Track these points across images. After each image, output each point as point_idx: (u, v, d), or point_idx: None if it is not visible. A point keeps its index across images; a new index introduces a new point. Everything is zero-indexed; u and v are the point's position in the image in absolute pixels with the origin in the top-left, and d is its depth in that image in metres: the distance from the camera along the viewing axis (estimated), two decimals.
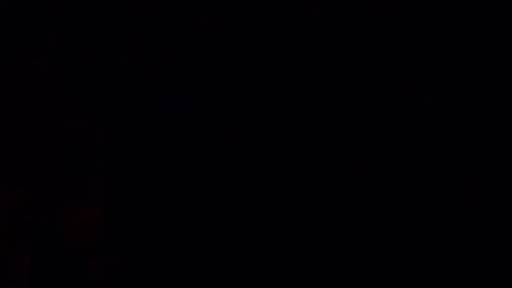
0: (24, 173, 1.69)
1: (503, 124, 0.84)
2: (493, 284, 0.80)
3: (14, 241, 1.59)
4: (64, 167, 1.76)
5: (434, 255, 1.21)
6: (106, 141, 1.81)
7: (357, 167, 2.49)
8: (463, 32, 0.95)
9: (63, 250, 1.60)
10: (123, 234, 1.72)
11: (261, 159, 2.49)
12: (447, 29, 0.98)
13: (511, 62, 0.84)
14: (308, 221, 1.98)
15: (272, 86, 1.88)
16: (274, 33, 1.29)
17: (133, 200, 1.81)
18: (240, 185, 2.26)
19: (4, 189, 1.66)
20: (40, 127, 1.72)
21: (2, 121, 1.68)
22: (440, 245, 1.16)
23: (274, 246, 2.12)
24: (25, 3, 1.32)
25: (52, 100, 1.74)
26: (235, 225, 1.95)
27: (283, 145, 2.71)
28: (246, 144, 2.35)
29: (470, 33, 0.94)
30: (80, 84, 1.77)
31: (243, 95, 2.13)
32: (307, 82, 1.72)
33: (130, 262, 1.68)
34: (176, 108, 2.04)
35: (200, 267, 1.73)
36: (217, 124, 2.26)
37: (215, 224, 1.89)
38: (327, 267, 1.98)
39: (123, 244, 1.70)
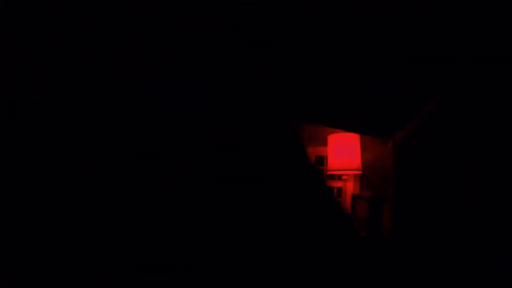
0: (23, 173, 1.69)
1: (503, 124, 0.84)
2: (493, 284, 0.80)
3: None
4: (63, 166, 1.75)
5: (434, 255, 1.21)
6: (106, 141, 1.81)
7: None
8: (463, 32, 0.95)
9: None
10: (123, 234, 1.72)
11: (261, 159, 2.49)
12: (447, 29, 0.98)
13: (511, 62, 0.84)
14: (309, 221, 1.98)
15: (272, 86, 1.88)
16: (274, 33, 1.29)
17: (133, 200, 1.81)
18: (240, 185, 2.26)
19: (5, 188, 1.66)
20: (39, 127, 1.71)
21: (2, 121, 1.67)
22: (440, 245, 1.16)
23: (274, 246, 2.12)
24: (25, 3, 1.32)
25: (52, 99, 1.74)
26: (235, 225, 1.95)
27: (283, 144, 2.71)
28: (246, 144, 2.35)
29: (470, 33, 0.94)
30: (80, 84, 1.77)
31: (243, 95, 2.13)
32: (307, 82, 1.72)
33: (130, 262, 1.67)
34: (176, 108, 2.04)
35: (200, 267, 1.73)
36: (217, 124, 2.26)
37: (215, 224, 1.89)
38: (327, 267, 1.98)
39: (123, 244, 1.69)
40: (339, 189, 2.61)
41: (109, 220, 1.71)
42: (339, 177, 2.59)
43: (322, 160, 2.69)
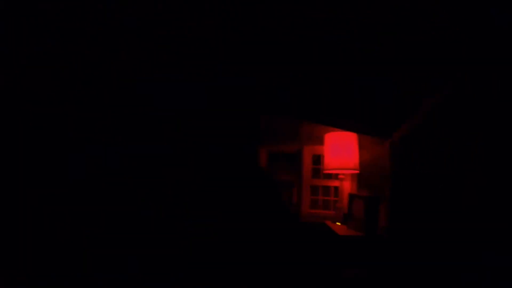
0: (24, 171, 1.69)
1: (503, 124, 0.84)
2: (493, 284, 0.80)
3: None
4: (64, 166, 1.75)
5: (434, 255, 1.21)
6: (106, 141, 1.81)
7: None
8: (463, 32, 0.95)
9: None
10: (123, 234, 1.72)
11: (261, 159, 2.47)
12: (447, 29, 0.98)
13: (511, 62, 0.84)
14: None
15: (272, 86, 1.88)
16: (274, 33, 1.29)
17: (133, 200, 1.81)
18: (240, 185, 2.26)
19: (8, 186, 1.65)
20: (39, 127, 1.71)
21: (3, 121, 1.67)
22: (440, 245, 1.16)
23: (274, 246, 2.11)
24: (25, 3, 1.32)
25: (52, 99, 1.73)
26: (235, 225, 1.95)
27: (281, 147, 2.69)
28: (246, 143, 2.34)
29: (470, 33, 0.94)
30: (80, 84, 1.77)
31: (243, 95, 2.13)
32: (307, 82, 1.72)
33: (130, 262, 1.68)
34: (176, 108, 2.03)
35: (200, 267, 1.73)
36: (217, 124, 2.26)
37: (215, 224, 1.89)
38: (327, 267, 1.98)
39: (123, 244, 1.69)
40: (336, 188, 2.61)
41: (109, 220, 1.71)
42: (336, 176, 2.59)
43: (319, 159, 2.69)
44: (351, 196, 2.26)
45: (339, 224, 2.28)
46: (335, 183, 2.65)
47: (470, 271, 0.91)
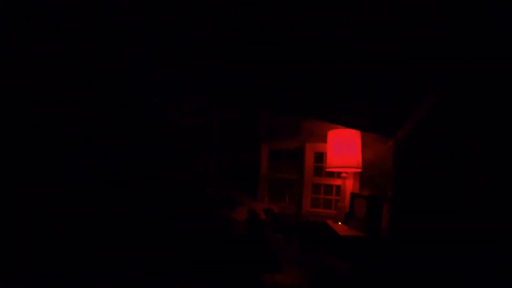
0: (24, 171, 1.69)
1: (503, 124, 0.84)
2: (493, 284, 0.80)
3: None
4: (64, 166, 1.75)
5: (434, 255, 1.21)
6: (106, 141, 1.81)
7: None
8: (463, 32, 0.95)
9: None
10: (123, 234, 1.72)
11: (262, 156, 2.46)
12: (447, 29, 0.97)
13: (511, 62, 0.84)
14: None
15: (272, 86, 1.88)
16: (274, 33, 1.29)
17: (133, 200, 1.81)
18: (240, 184, 2.25)
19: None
20: (39, 127, 1.71)
21: (3, 121, 1.67)
22: (440, 245, 1.16)
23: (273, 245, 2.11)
24: (25, 3, 1.32)
25: (52, 99, 1.73)
26: (235, 224, 1.95)
27: (282, 144, 2.67)
28: (246, 143, 2.34)
29: (470, 33, 0.93)
30: (80, 84, 1.77)
31: (243, 95, 2.13)
32: (307, 82, 1.72)
33: (130, 262, 1.67)
34: (176, 108, 2.03)
35: (200, 267, 1.73)
36: (217, 124, 2.25)
37: (216, 223, 1.89)
38: (328, 267, 1.98)
39: (123, 244, 1.69)
40: (338, 187, 2.55)
41: (109, 220, 1.71)
42: (338, 175, 2.53)
43: (321, 156, 2.63)
44: (353, 195, 2.24)
45: (341, 223, 2.26)
46: (337, 181, 2.61)
47: (470, 271, 0.91)
